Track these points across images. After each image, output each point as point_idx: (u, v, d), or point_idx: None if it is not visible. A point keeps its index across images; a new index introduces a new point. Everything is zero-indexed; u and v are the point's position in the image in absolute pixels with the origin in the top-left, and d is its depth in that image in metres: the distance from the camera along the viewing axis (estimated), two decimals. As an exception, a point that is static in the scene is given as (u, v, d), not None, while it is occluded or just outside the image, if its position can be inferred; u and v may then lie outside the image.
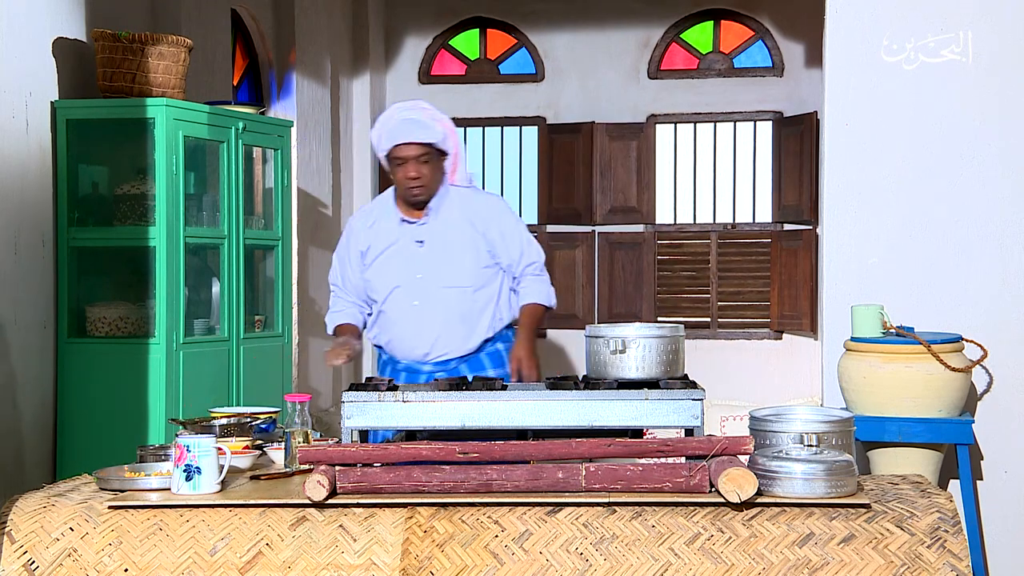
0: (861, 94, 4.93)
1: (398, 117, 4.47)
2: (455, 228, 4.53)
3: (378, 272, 4.58)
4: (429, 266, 4.51)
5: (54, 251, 5.28)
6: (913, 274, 4.90)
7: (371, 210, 4.69)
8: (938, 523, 3.04)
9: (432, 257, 4.51)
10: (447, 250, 4.51)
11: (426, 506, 3.15)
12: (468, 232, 4.52)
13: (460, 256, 4.51)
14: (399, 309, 4.54)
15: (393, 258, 4.56)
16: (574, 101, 9.43)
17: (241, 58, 7.75)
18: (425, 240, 4.51)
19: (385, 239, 4.58)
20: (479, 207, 4.57)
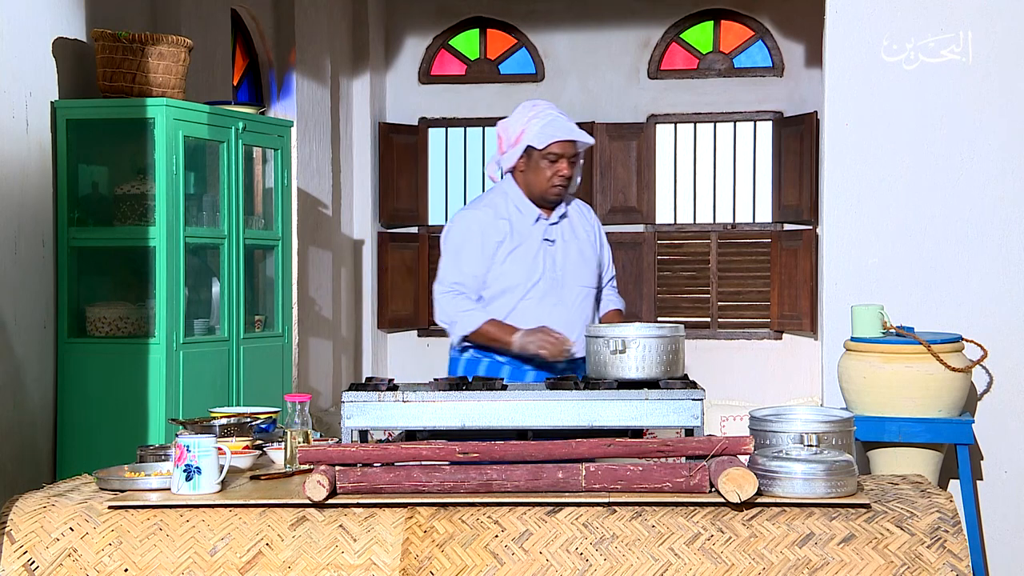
0: (861, 94, 4.93)
1: (554, 113, 4.46)
2: (580, 230, 4.57)
3: (515, 266, 4.45)
4: (565, 265, 4.49)
5: (54, 251, 5.28)
6: (913, 274, 4.90)
7: (495, 203, 4.52)
8: (938, 523, 3.04)
9: (565, 257, 4.50)
10: (578, 251, 4.53)
11: (426, 506, 3.15)
12: (587, 236, 4.57)
13: (589, 257, 4.55)
14: (536, 307, 4.42)
15: (529, 254, 4.46)
16: (574, 101, 9.42)
17: (241, 58, 7.75)
18: (555, 240, 4.49)
19: (520, 235, 4.47)
20: (587, 212, 4.66)
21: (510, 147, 4.51)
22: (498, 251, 4.45)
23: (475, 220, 4.52)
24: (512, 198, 4.52)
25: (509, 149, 4.51)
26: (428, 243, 9.65)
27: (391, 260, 9.44)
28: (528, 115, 4.49)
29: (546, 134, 4.41)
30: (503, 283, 4.44)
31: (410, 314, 9.60)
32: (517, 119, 4.52)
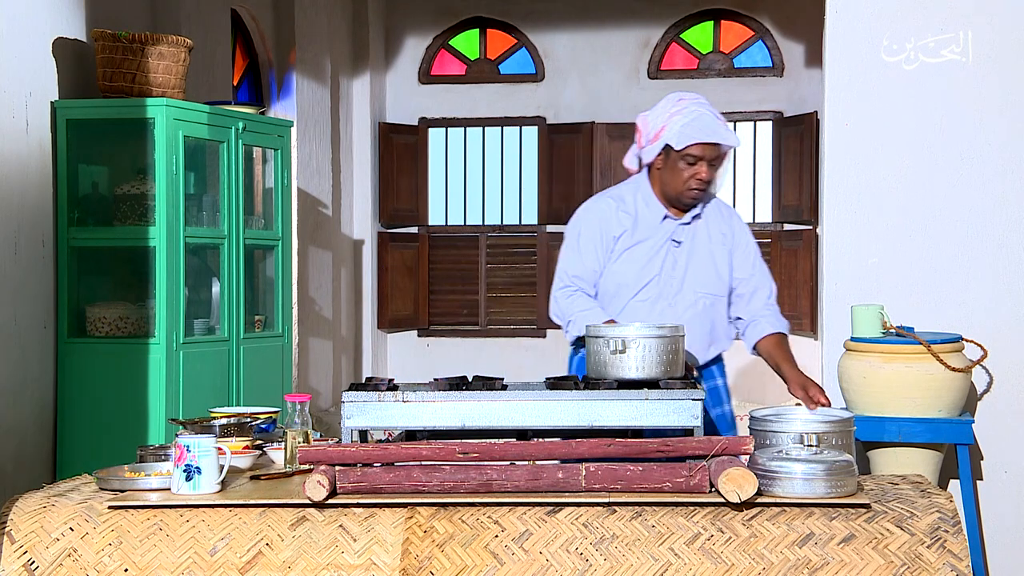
0: (861, 94, 4.93)
1: (700, 111, 4.11)
2: (713, 234, 4.27)
3: (632, 262, 4.22)
4: (688, 268, 4.22)
5: (54, 251, 5.28)
6: (913, 274, 4.90)
7: (622, 197, 4.27)
8: (938, 523, 3.04)
9: (690, 259, 4.23)
10: (706, 255, 4.25)
11: (426, 506, 3.15)
12: (719, 241, 4.27)
13: (718, 263, 4.25)
14: (651, 307, 4.21)
15: (650, 252, 4.23)
16: (574, 101, 9.43)
17: (241, 58, 7.75)
18: (683, 241, 4.23)
19: (644, 231, 4.23)
20: (725, 216, 4.31)
21: (649, 143, 4.21)
22: (616, 245, 4.24)
23: (596, 211, 4.29)
24: (642, 193, 4.26)
25: (648, 144, 4.21)
26: (428, 243, 9.66)
27: (391, 260, 9.44)
28: (671, 110, 4.16)
29: (686, 134, 4.08)
30: (616, 279, 4.24)
31: (410, 314, 9.60)
32: (659, 113, 4.19)
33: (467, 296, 9.70)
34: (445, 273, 9.72)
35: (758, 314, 4.28)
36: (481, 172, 9.69)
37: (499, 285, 9.69)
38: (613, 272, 4.25)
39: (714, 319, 4.26)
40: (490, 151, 9.70)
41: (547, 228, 9.57)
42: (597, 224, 4.27)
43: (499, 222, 9.72)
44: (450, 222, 9.75)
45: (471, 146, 9.69)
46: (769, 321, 4.26)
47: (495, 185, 9.71)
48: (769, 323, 4.26)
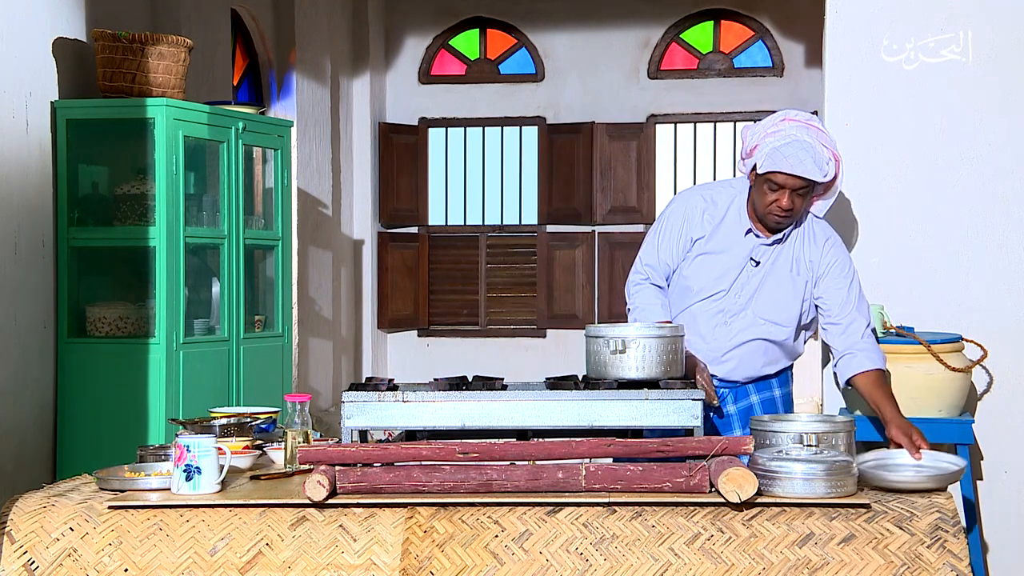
0: (861, 94, 4.92)
1: (797, 136, 3.98)
2: (796, 261, 4.08)
3: (704, 270, 4.12)
4: (757, 290, 4.09)
5: (54, 251, 5.28)
6: (913, 274, 4.90)
7: (716, 200, 4.15)
8: (938, 523, 3.04)
9: (763, 282, 4.09)
10: (779, 281, 4.09)
11: (426, 506, 3.15)
12: (801, 267, 4.09)
13: (791, 292, 4.10)
14: (709, 318, 4.11)
15: (725, 264, 4.10)
16: (574, 101, 9.43)
17: (241, 58, 7.75)
18: (762, 262, 4.09)
19: (725, 240, 4.11)
20: (823, 246, 4.10)
21: (744, 157, 4.11)
22: (693, 247, 4.15)
23: (685, 205, 4.20)
24: (738, 201, 4.14)
25: (744, 159, 4.11)
26: (428, 243, 9.66)
27: (391, 260, 9.44)
28: (770, 129, 4.05)
29: (772, 160, 3.94)
30: (686, 282, 4.15)
31: (410, 314, 9.60)
32: (760, 129, 4.09)
33: (467, 296, 9.70)
34: (445, 273, 9.72)
35: (854, 347, 4.05)
36: (481, 172, 9.69)
37: (499, 285, 9.69)
38: (685, 274, 4.16)
39: (773, 346, 4.14)
40: (490, 151, 9.70)
41: (547, 228, 9.57)
42: (681, 219, 4.19)
43: (499, 222, 9.72)
44: (450, 222, 9.75)
45: (471, 146, 9.69)
46: (867, 356, 4.03)
47: (495, 185, 9.71)
48: (867, 358, 4.03)
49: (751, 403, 4.21)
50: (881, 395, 3.96)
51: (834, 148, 4.09)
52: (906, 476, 3.27)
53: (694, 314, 4.12)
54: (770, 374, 4.24)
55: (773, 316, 4.10)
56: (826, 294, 4.09)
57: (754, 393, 4.23)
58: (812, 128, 4.04)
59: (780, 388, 4.30)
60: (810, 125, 4.05)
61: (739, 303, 4.11)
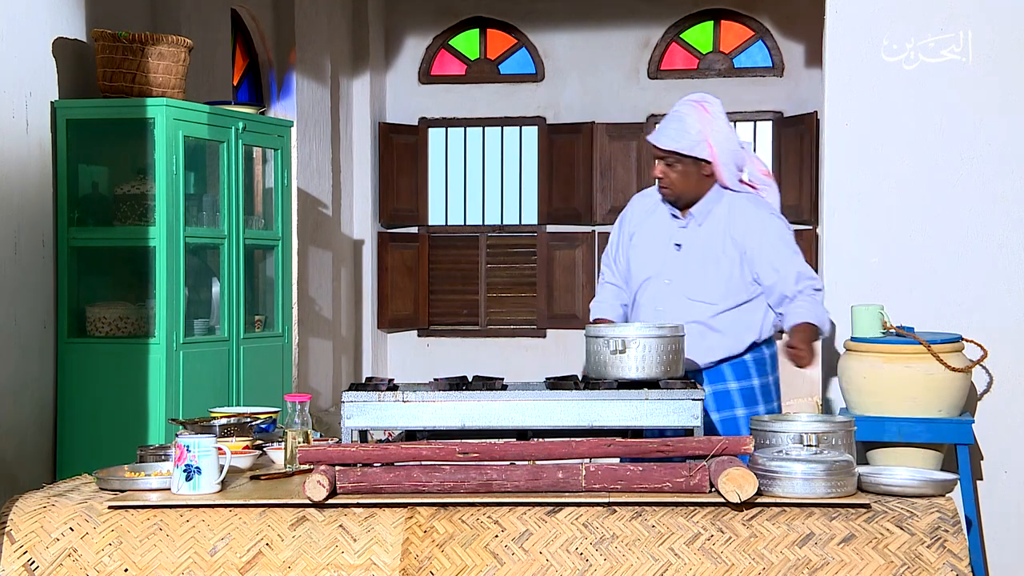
0: (861, 94, 4.93)
1: (677, 110, 4.23)
2: (714, 238, 4.22)
3: (635, 259, 4.33)
4: (679, 273, 4.24)
5: (54, 251, 5.28)
6: (913, 274, 4.90)
7: (652, 193, 4.38)
8: (938, 523, 3.04)
9: (684, 264, 4.24)
10: (701, 260, 4.22)
11: (426, 506, 3.15)
12: (726, 245, 4.21)
13: (712, 269, 4.21)
14: (646, 307, 4.29)
15: (652, 251, 4.30)
16: (574, 101, 9.43)
17: (241, 58, 7.75)
18: (683, 244, 4.24)
19: (653, 229, 4.32)
20: (743, 219, 4.22)
21: None
22: (632, 240, 4.36)
23: (629, 205, 4.48)
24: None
25: None
26: (428, 243, 9.66)
27: (391, 260, 9.44)
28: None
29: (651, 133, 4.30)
30: (629, 272, 4.38)
31: (410, 314, 9.60)
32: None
33: (467, 296, 9.70)
34: (445, 273, 9.72)
35: (793, 304, 4.19)
36: (481, 172, 9.69)
37: (499, 285, 9.69)
38: (627, 265, 4.39)
39: (707, 329, 4.19)
40: (490, 151, 9.70)
41: (547, 228, 9.57)
42: (623, 218, 4.45)
43: (499, 222, 9.72)
44: (450, 222, 9.75)
45: (471, 146, 9.69)
46: (798, 310, 4.16)
47: (495, 185, 9.70)
48: (798, 312, 4.16)
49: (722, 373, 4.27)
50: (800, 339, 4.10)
51: (708, 125, 4.19)
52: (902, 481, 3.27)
53: (638, 304, 4.31)
54: (716, 361, 4.25)
55: (700, 295, 4.20)
56: (757, 267, 4.22)
57: (707, 384, 4.25)
58: (698, 108, 4.20)
59: (736, 381, 4.27)
60: (699, 105, 4.21)
61: (668, 288, 4.25)
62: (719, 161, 4.20)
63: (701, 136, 4.18)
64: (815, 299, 4.20)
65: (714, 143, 4.18)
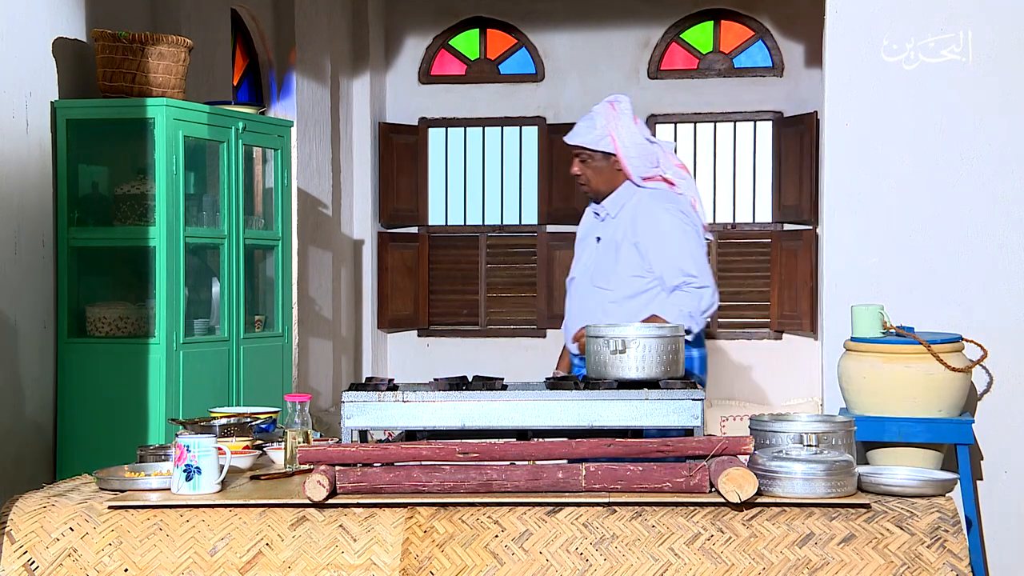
0: (861, 94, 4.93)
1: (592, 110, 4.53)
2: (620, 230, 4.47)
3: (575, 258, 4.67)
4: (591, 264, 4.52)
5: (54, 251, 5.28)
6: (913, 274, 4.90)
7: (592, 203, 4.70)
8: (938, 523, 3.04)
9: (597, 256, 4.51)
10: (607, 250, 4.48)
11: (426, 506, 3.15)
12: (627, 235, 4.44)
13: (613, 259, 4.45)
14: (569, 302, 4.61)
15: (581, 250, 4.63)
16: (574, 101, 9.42)
17: (241, 58, 7.75)
18: (602, 237, 4.52)
19: (586, 228, 4.65)
20: (644, 211, 4.44)
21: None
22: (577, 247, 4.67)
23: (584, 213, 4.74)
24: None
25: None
26: (428, 243, 9.65)
27: (391, 260, 9.44)
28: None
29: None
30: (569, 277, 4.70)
31: (410, 314, 9.60)
32: None
33: (467, 296, 9.70)
34: (445, 273, 9.72)
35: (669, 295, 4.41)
36: (481, 172, 9.68)
37: (499, 285, 9.69)
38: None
39: (614, 316, 4.37)
40: (490, 151, 9.69)
41: (547, 228, 9.57)
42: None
43: (499, 222, 9.72)
44: (450, 222, 9.75)
45: (471, 146, 9.69)
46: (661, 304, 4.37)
47: (495, 185, 9.70)
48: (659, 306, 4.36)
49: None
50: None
51: (613, 121, 4.43)
52: (902, 481, 3.27)
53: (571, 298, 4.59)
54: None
55: (601, 283, 4.45)
56: (648, 257, 4.42)
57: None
58: (607, 106, 4.47)
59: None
60: (608, 103, 4.48)
61: (583, 279, 4.52)
62: (623, 155, 4.43)
63: (606, 131, 4.42)
64: (691, 295, 4.36)
65: (617, 137, 4.42)
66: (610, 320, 4.32)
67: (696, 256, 4.41)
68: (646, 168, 4.45)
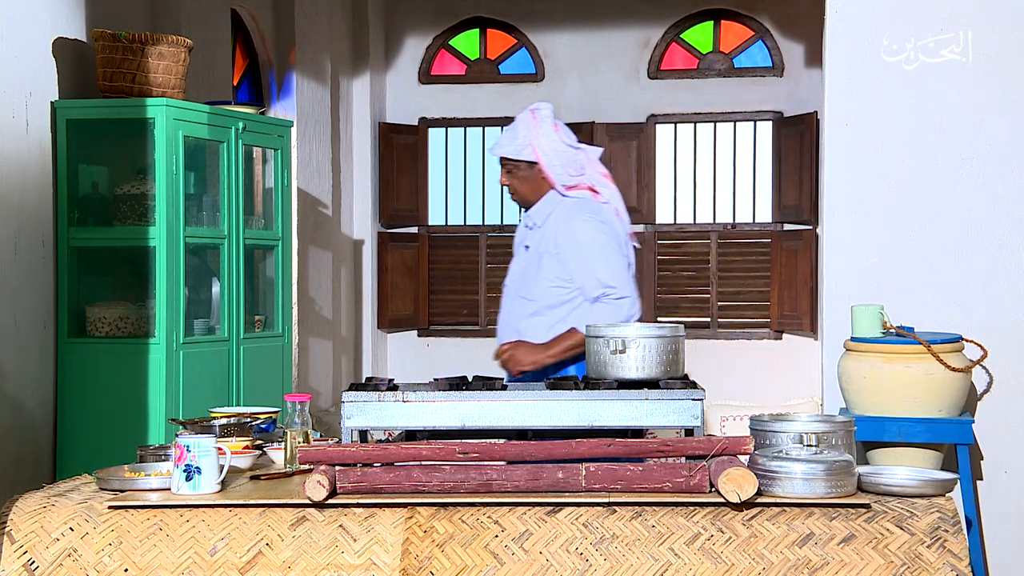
0: (861, 94, 4.93)
1: (515, 121, 4.56)
2: (544, 240, 4.42)
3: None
4: (518, 273, 4.50)
5: (54, 251, 5.28)
6: (913, 274, 4.90)
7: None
8: (938, 523, 3.04)
9: (524, 265, 4.48)
10: (532, 261, 4.44)
11: (426, 506, 3.15)
12: (548, 245, 4.39)
13: (536, 268, 4.41)
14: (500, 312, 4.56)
15: (516, 262, 4.61)
16: (574, 101, 9.42)
17: (241, 58, 7.75)
18: (529, 246, 4.50)
19: (519, 236, 4.65)
20: (564, 221, 4.39)
21: None
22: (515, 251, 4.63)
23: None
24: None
25: None
26: (428, 243, 9.65)
27: (391, 260, 9.44)
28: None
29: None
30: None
31: (410, 314, 9.60)
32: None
33: (467, 296, 9.70)
34: (445, 273, 9.72)
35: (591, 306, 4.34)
36: (481, 172, 9.68)
37: (499, 285, 9.63)
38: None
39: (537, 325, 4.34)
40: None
41: (547, 228, 9.57)
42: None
43: (499, 222, 9.72)
44: (450, 222, 9.75)
45: (471, 146, 9.69)
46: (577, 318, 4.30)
47: (495, 185, 9.69)
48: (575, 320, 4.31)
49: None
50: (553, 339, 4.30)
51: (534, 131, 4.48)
52: (902, 481, 3.27)
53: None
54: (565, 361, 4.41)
55: (525, 293, 4.43)
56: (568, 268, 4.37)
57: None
58: (528, 115, 4.51)
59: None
60: (529, 112, 4.52)
61: (511, 289, 4.51)
62: (545, 163, 4.44)
63: (527, 140, 4.45)
64: (610, 306, 4.29)
65: (538, 146, 4.45)
66: (529, 331, 4.33)
67: (614, 267, 4.33)
68: (569, 176, 4.44)
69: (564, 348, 4.26)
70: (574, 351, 4.25)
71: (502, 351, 4.30)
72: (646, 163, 9.37)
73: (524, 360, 4.26)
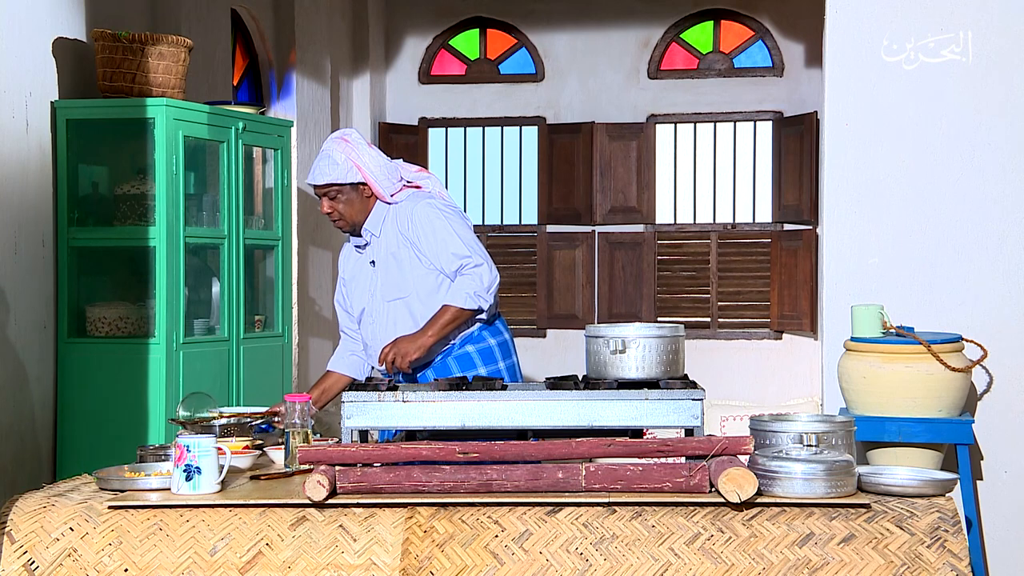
0: (861, 94, 4.93)
1: (323, 149, 4.48)
2: (392, 242, 4.48)
3: (354, 300, 4.59)
4: (378, 284, 4.50)
5: (54, 251, 5.28)
6: (913, 274, 4.90)
7: (350, 239, 4.66)
8: (938, 523, 3.04)
9: (380, 275, 4.49)
10: (389, 265, 4.49)
11: (426, 506, 3.15)
12: (401, 243, 4.47)
13: (398, 268, 4.46)
14: (366, 332, 4.54)
15: (358, 285, 4.57)
16: (574, 101, 9.43)
17: (241, 58, 7.75)
18: (376, 260, 4.50)
19: (355, 266, 4.60)
20: (404, 215, 4.48)
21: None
22: (348, 285, 4.61)
23: (342, 248, 4.69)
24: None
25: None
26: (428, 243, 9.65)
27: (391, 260, 9.43)
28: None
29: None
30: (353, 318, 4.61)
31: (410, 314, 9.59)
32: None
33: (467, 296, 9.70)
34: (445, 273, 9.72)
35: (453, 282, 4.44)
36: (481, 172, 9.68)
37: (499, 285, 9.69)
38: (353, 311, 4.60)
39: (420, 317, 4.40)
40: (490, 151, 9.69)
41: (547, 228, 9.57)
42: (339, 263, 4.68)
43: (499, 222, 9.72)
44: (450, 222, 9.74)
45: (471, 146, 9.69)
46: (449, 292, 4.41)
47: (495, 185, 9.70)
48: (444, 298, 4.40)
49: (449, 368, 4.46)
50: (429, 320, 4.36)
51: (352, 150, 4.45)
52: (902, 481, 3.27)
53: (363, 336, 4.56)
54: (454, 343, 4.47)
55: (396, 294, 4.44)
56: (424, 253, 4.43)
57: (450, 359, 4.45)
58: (340, 142, 4.47)
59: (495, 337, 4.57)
60: (340, 139, 4.48)
61: (372, 303, 4.48)
62: (373, 180, 4.45)
63: (349, 163, 4.43)
64: (470, 276, 4.41)
65: (362, 165, 4.44)
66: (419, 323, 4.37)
67: (465, 237, 4.44)
68: (392, 185, 4.50)
69: (442, 324, 4.35)
70: (452, 324, 4.37)
71: (384, 354, 4.32)
72: (646, 163, 9.37)
73: (409, 349, 4.30)
